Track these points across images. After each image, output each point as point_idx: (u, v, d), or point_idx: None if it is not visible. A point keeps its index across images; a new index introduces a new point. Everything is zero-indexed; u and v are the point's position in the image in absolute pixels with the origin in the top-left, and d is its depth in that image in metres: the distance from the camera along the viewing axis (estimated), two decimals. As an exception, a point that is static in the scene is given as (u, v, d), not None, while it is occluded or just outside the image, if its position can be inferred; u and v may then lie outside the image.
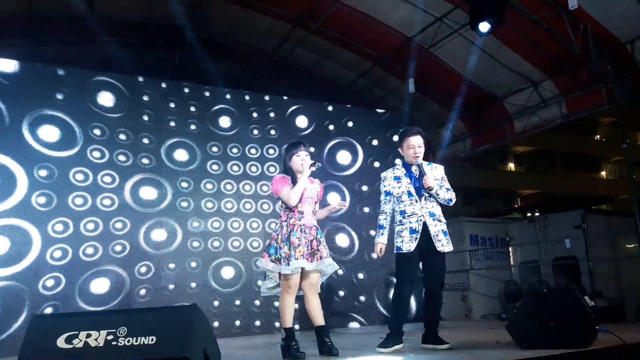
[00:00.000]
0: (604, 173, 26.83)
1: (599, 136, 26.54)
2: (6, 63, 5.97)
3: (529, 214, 13.58)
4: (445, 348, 3.87)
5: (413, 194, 4.00)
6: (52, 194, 5.87)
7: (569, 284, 8.31)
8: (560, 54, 6.95)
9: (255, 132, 7.20)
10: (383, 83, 8.78)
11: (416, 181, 4.02)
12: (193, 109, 6.90)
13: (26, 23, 7.23)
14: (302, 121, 7.56)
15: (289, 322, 3.69)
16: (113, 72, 6.56)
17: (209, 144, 6.86)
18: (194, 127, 6.84)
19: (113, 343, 2.59)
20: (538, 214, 11.53)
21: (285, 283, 3.70)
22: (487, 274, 9.21)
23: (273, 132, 7.31)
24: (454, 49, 7.53)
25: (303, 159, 3.83)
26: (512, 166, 24.99)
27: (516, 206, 22.52)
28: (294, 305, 3.75)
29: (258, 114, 7.29)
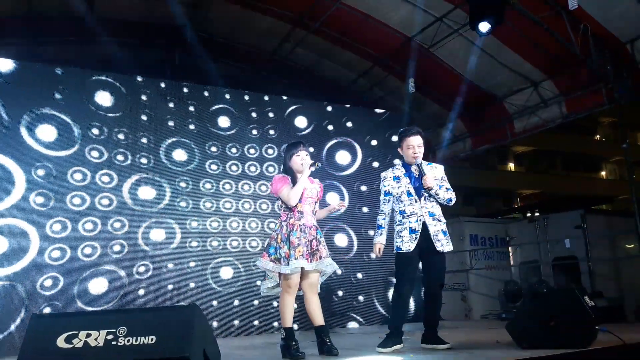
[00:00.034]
0: (604, 173, 26.84)
1: (599, 136, 26.55)
2: (4, 62, 5.95)
3: (529, 214, 13.57)
4: (445, 348, 3.87)
5: (412, 194, 3.99)
6: (50, 194, 5.85)
7: (569, 284, 8.30)
8: (560, 54, 6.95)
9: (254, 132, 7.18)
10: (383, 83, 8.77)
11: (416, 181, 4.01)
12: (192, 109, 6.89)
13: (26, 23, 7.22)
14: (301, 121, 7.56)
15: (289, 322, 3.69)
16: (112, 72, 6.54)
17: (208, 144, 6.84)
18: (193, 127, 6.83)
19: (113, 343, 2.59)
20: (538, 214, 11.53)
21: (285, 283, 3.69)
22: (487, 274, 9.19)
23: (272, 132, 7.30)
24: (454, 49, 7.52)
25: (303, 159, 3.82)
26: (512, 166, 24.99)
27: (516, 206, 22.53)
28: (294, 305, 3.75)
29: (257, 114, 7.27)
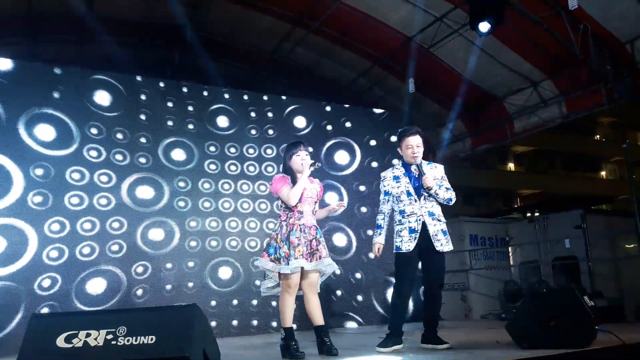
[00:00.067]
0: (604, 173, 26.84)
1: (599, 136, 26.55)
2: (2, 62, 5.92)
3: (529, 214, 13.55)
4: (444, 348, 3.86)
5: (412, 194, 3.98)
6: (49, 193, 5.82)
7: (569, 284, 8.30)
8: (560, 54, 6.94)
9: (253, 132, 7.17)
10: (383, 83, 8.76)
11: (415, 181, 4.01)
12: (191, 109, 6.86)
13: (26, 23, 7.22)
14: (300, 121, 7.54)
15: (289, 322, 3.68)
16: (111, 71, 6.51)
17: (207, 144, 6.82)
18: (192, 127, 6.81)
19: (113, 342, 2.59)
20: (538, 214, 11.51)
21: (285, 283, 3.69)
22: (487, 274, 9.19)
23: (271, 132, 7.29)
24: (454, 49, 7.52)
25: (303, 159, 3.82)
26: (512, 166, 24.98)
27: (516, 206, 22.51)
28: (294, 305, 3.74)
29: (256, 114, 7.26)
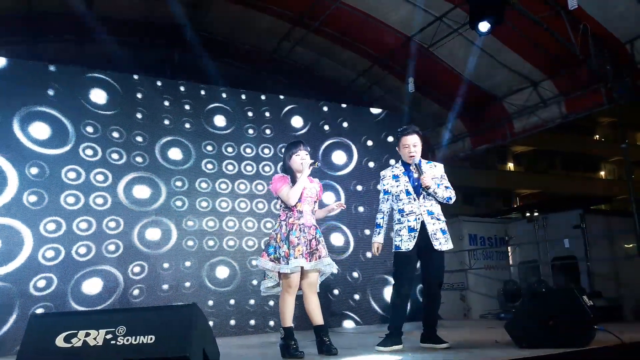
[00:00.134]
0: (603, 173, 26.85)
1: (598, 136, 26.57)
2: (-3, 60, 5.87)
3: (528, 214, 13.53)
4: (444, 347, 3.86)
5: (411, 193, 3.98)
6: (44, 193, 5.75)
7: (568, 284, 8.30)
8: (560, 54, 6.93)
9: (250, 132, 7.14)
10: (383, 82, 8.75)
11: (414, 180, 4.00)
12: (188, 107, 6.82)
13: (26, 22, 7.21)
14: (297, 121, 7.52)
15: (289, 322, 3.67)
16: (108, 70, 6.47)
17: (204, 143, 6.78)
18: (189, 126, 6.77)
19: (112, 342, 2.57)
20: (537, 214, 11.49)
21: (285, 282, 3.68)
22: (486, 274, 9.19)
23: (268, 132, 7.26)
24: (454, 49, 7.51)
25: (303, 159, 3.81)
26: (512, 166, 24.99)
27: (515, 206, 22.52)
28: (294, 304, 3.74)
29: (253, 113, 7.23)
